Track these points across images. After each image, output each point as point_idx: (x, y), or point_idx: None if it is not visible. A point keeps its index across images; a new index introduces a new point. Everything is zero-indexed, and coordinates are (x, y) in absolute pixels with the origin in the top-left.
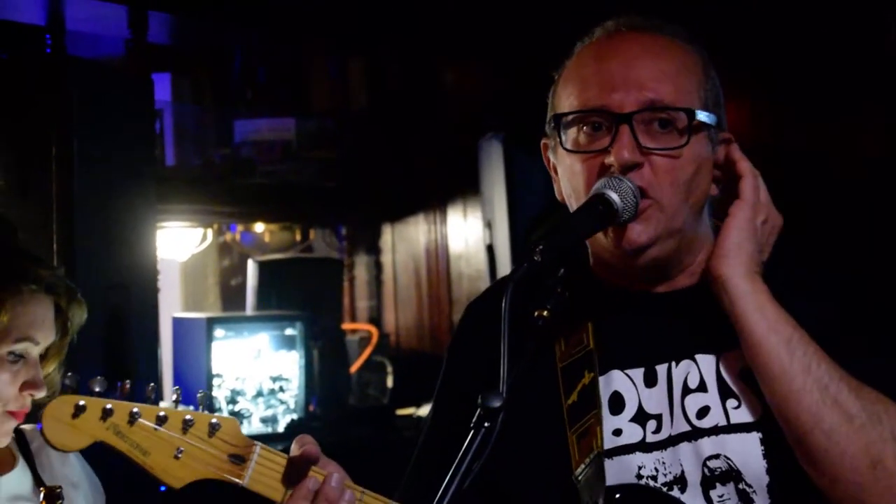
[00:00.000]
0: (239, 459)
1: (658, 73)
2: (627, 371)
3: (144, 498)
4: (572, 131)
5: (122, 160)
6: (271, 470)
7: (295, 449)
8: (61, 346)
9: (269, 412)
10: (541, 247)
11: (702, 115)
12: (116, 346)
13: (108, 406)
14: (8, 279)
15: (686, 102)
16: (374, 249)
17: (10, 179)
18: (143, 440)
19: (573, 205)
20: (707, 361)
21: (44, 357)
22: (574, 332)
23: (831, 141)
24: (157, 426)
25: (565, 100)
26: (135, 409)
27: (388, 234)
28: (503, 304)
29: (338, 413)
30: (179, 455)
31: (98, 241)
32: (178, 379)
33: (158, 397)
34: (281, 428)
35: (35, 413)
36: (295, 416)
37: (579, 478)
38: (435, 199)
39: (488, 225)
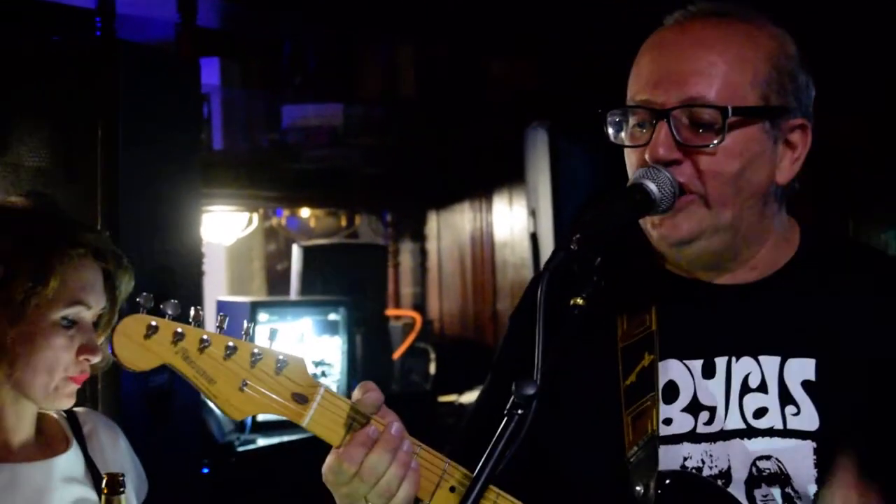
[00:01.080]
0: (302, 399)
1: (704, 67)
2: (685, 361)
3: (186, 484)
4: (630, 122)
5: (168, 144)
6: (333, 413)
7: (357, 394)
8: (111, 315)
9: None
10: (577, 235)
11: (746, 108)
12: None
13: (180, 330)
14: (55, 243)
15: (728, 98)
16: (420, 236)
17: (57, 162)
18: (211, 368)
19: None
20: (771, 363)
21: (96, 325)
22: (637, 313)
23: None
24: (226, 356)
25: (629, 87)
26: (205, 337)
27: (433, 222)
28: (539, 293)
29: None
30: (244, 388)
31: (143, 225)
32: None
33: None
34: None
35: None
36: None
37: (631, 459)
38: (480, 188)
39: (532, 213)
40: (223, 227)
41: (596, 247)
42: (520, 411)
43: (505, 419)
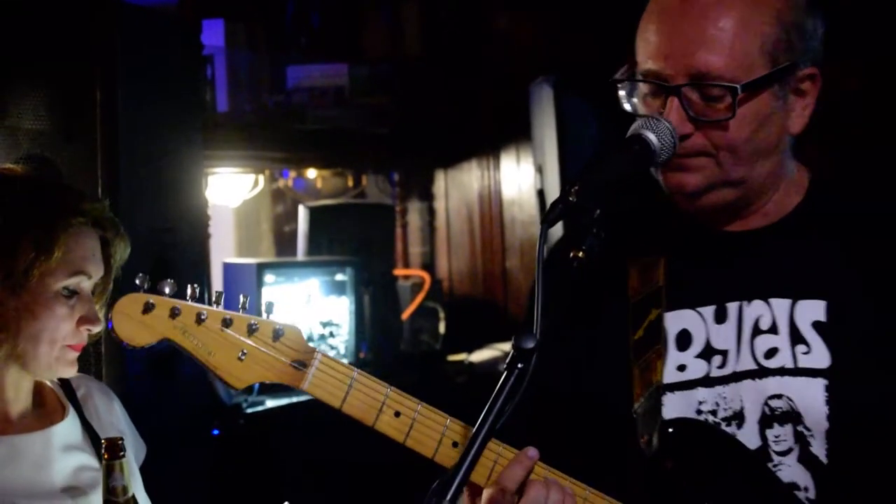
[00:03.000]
0: (301, 365)
1: (711, 37)
2: (699, 308)
3: (195, 446)
4: (640, 88)
5: (169, 106)
6: (331, 377)
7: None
8: (106, 282)
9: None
10: (576, 187)
11: (755, 79)
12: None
13: (177, 306)
14: (58, 214)
15: (738, 69)
16: (427, 195)
17: (56, 123)
18: (209, 340)
19: None
20: (782, 306)
21: (92, 293)
22: (648, 265)
23: None
24: (223, 328)
25: (637, 52)
26: (202, 312)
27: (440, 180)
28: (538, 247)
29: (389, 359)
30: (243, 357)
31: (144, 188)
32: None
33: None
34: None
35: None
36: (345, 362)
37: (637, 410)
38: (488, 145)
39: (539, 170)
40: (229, 189)
41: (595, 198)
42: (520, 365)
43: (505, 373)
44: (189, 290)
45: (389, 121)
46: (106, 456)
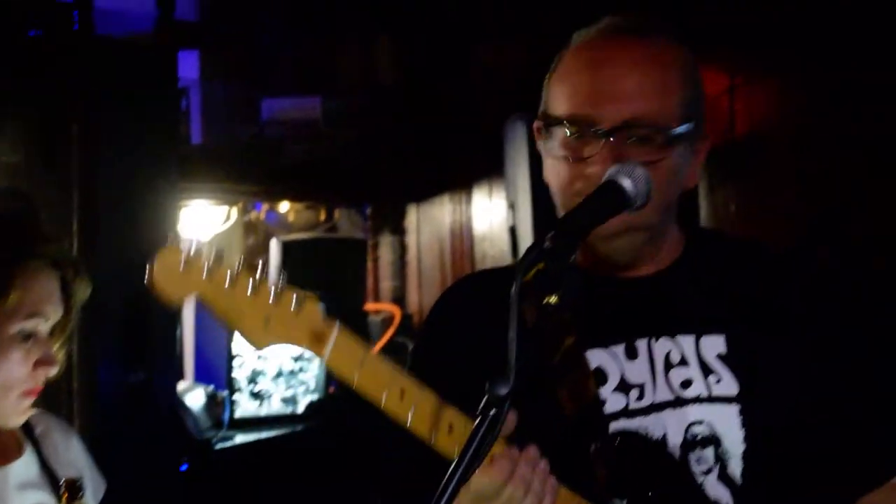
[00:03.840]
0: (320, 337)
1: (642, 88)
2: (609, 347)
3: (163, 481)
4: (559, 133)
5: (144, 138)
6: (347, 353)
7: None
8: (65, 323)
9: (290, 392)
10: (552, 233)
11: (680, 130)
12: (137, 325)
13: (212, 264)
14: (16, 254)
15: (665, 119)
16: (399, 230)
17: (33, 156)
18: (238, 303)
19: (556, 199)
20: (687, 341)
21: (50, 335)
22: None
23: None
24: (251, 291)
25: (556, 99)
26: (234, 275)
27: (412, 215)
28: (513, 290)
29: (358, 394)
30: (268, 322)
31: (120, 220)
32: (199, 358)
33: (180, 376)
34: (301, 409)
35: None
36: (315, 397)
37: (575, 428)
38: (461, 180)
39: (512, 206)
40: (202, 221)
41: (570, 244)
42: (493, 411)
43: (478, 419)
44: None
45: (362, 154)
46: (65, 496)
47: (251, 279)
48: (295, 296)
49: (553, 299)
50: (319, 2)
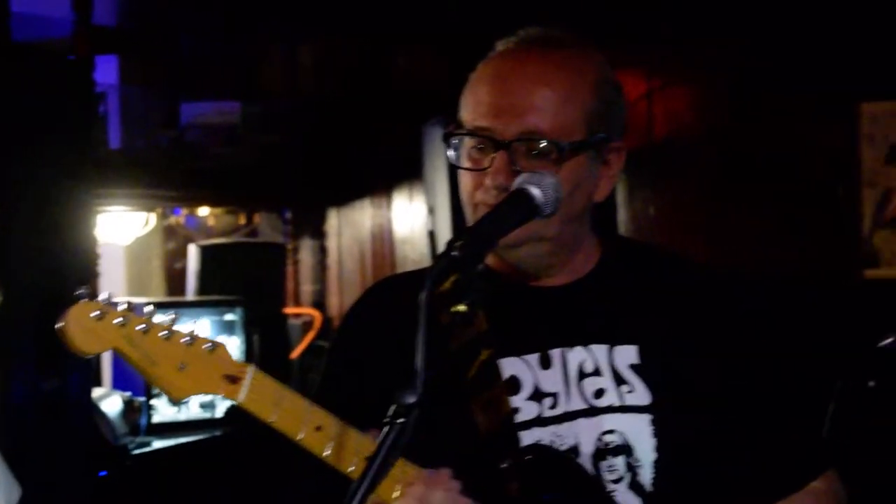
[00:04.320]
0: (233, 379)
1: (542, 101)
2: (522, 356)
3: (80, 488)
4: (464, 142)
5: (60, 144)
6: (263, 392)
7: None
8: None
9: (208, 397)
10: (460, 241)
11: (580, 142)
12: (51, 332)
13: (125, 316)
14: None
15: (565, 132)
16: (320, 233)
17: None
18: (153, 351)
19: (465, 208)
20: (601, 351)
21: None
22: (466, 317)
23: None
24: (164, 339)
25: (464, 109)
26: (147, 323)
27: (333, 219)
28: (422, 299)
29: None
30: (183, 368)
31: (34, 226)
32: (116, 365)
33: (96, 382)
34: (219, 413)
35: None
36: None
37: (488, 443)
38: (381, 184)
39: (431, 210)
40: (120, 226)
41: (478, 253)
42: (401, 420)
43: (386, 428)
44: (126, 305)
45: (282, 159)
46: None
47: (164, 329)
48: (206, 342)
49: (462, 308)
50: (241, 7)
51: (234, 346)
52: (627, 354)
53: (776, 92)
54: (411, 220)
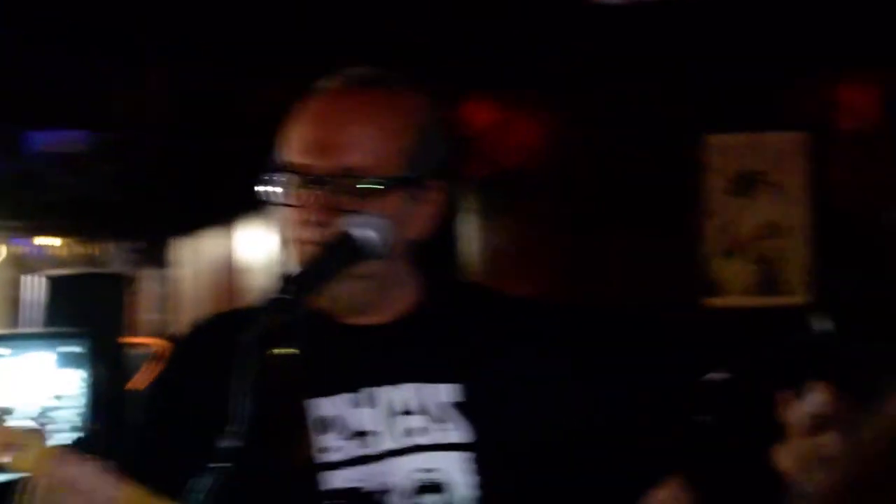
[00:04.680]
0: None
1: (359, 139)
2: (333, 396)
3: None
4: (285, 180)
5: None
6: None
7: None
8: None
9: (50, 429)
10: (291, 284)
11: (391, 180)
12: None
13: None
14: None
15: (380, 169)
16: (165, 263)
17: None
18: None
19: (285, 245)
20: (418, 389)
21: None
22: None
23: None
24: None
25: (281, 146)
26: None
27: (179, 248)
28: (244, 340)
29: (117, 430)
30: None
31: None
32: None
33: None
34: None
35: None
36: (75, 435)
37: (294, 487)
38: (228, 214)
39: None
40: None
41: (305, 296)
42: (224, 464)
43: (208, 472)
44: None
45: (128, 188)
46: None
47: None
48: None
49: (280, 350)
50: (89, 35)
51: (77, 378)
52: (447, 392)
53: (626, 123)
54: (258, 250)
